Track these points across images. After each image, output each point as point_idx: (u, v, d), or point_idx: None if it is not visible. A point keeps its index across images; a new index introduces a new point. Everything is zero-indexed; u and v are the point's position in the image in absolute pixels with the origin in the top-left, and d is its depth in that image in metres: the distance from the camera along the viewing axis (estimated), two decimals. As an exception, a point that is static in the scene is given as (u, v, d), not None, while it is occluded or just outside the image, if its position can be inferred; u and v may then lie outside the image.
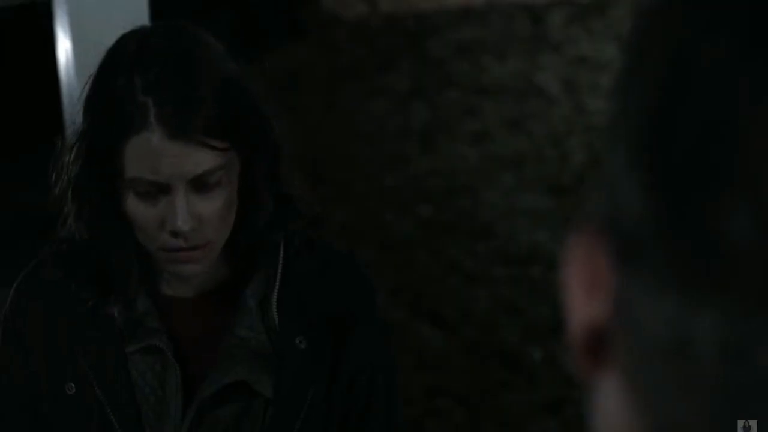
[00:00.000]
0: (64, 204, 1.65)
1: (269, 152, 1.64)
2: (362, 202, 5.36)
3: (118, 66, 1.58)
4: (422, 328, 4.46)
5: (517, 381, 4.13)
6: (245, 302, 1.68)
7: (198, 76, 1.56)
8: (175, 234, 1.58)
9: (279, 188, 1.67)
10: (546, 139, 5.83)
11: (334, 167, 5.64)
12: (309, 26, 7.09)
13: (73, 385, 1.68)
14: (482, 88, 6.36)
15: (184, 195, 1.57)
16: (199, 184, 1.58)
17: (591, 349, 0.54)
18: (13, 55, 6.40)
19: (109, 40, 1.64)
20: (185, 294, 1.71)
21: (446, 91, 6.36)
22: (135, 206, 1.59)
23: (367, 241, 4.97)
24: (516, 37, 6.87)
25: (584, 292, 0.54)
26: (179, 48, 1.58)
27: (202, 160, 1.56)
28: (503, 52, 6.72)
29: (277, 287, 1.69)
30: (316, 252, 1.74)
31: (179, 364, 1.67)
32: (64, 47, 3.03)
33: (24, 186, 5.45)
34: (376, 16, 7.24)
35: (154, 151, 1.54)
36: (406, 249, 4.98)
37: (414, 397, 4.02)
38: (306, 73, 6.64)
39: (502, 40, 6.84)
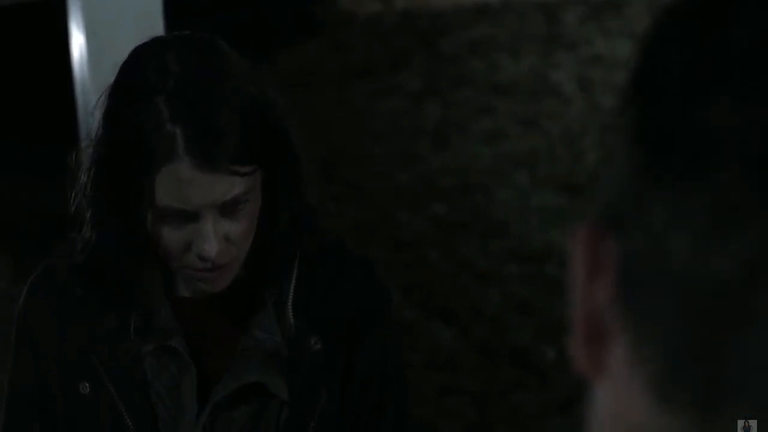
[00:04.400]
0: (80, 213, 1.65)
1: (290, 165, 1.64)
2: (374, 201, 5.35)
3: (140, 90, 1.55)
4: (434, 327, 4.45)
5: (530, 380, 4.13)
6: (261, 304, 1.68)
7: (224, 102, 1.54)
8: (203, 258, 1.59)
9: (298, 197, 1.67)
10: (560, 137, 5.82)
11: (347, 165, 5.63)
12: (323, 24, 7.09)
13: (87, 384, 1.67)
14: (496, 86, 6.35)
15: (212, 221, 1.57)
16: (227, 210, 1.58)
17: (593, 339, 0.56)
18: (23, 52, 6.41)
19: (123, 37, 1.63)
20: (200, 295, 1.70)
21: (460, 89, 6.35)
22: (160, 229, 1.59)
23: (380, 240, 4.97)
24: (530, 36, 6.86)
25: (587, 280, 0.56)
26: (203, 71, 1.56)
27: (231, 187, 1.56)
28: (517, 51, 6.71)
29: (292, 289, 1.69)
30: (331, 254, 1.74)
31: (194, 364, 1.67)
32: (78, 43, 3.03)
33: (20, 186, 5.47)
34: (390, 14, 7.23)
35: (183, 182, 1.54)
36: (418, 247, 4.97)
37: (426, 396, 4.02)
38: (318, 70, 6.64)
39: (517, 39, 6.84)
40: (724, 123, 0.51)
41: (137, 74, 1.57)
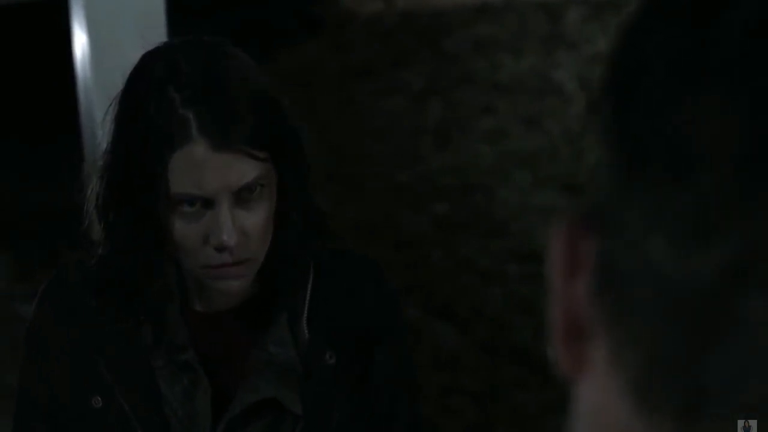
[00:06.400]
0: (91, 223, 1.64)
1: (301, 168, 1.63)
2: (376, 200, 5.35)
3: (150, 85, 1.56)
4: (436, 326, 4.45)
5: (531, 379, 4.13)
6: (276, 318, 1.66)
7: (234, 88, 1.55)
8: (221, 249, 1.57)
9: (309, 204, 1.66)
10: (561, 136, 5.82)
11: (348, 164, 5.63)
12: (324, 23, 7.09)
13: (99, 398, 1.65)
14: (498, 85, 6.35)
15: (228, 209, 1.55)
16: (243, 197, 1.56)
17: (573, 337, 0.55)
18: (25, 52, 6.41)
19: (125, 36, 1.62)
20: (214, 309, 1.69)
21: (462, 88, 6.35)
22: (177, 224, 1.57)
23: (381, 239, 4.97)
24: (532, 35, 6.86)
25: (567, 278, 0.55)
26: (210, 62, 1.57)
27: (245, 170, 1.55)
28: (519, 50, 6.71)
29: (307, 303, 1.68)
30: (344, 265, 1.73)
31: (207, 379, 1.65)
32: (80, 42, 3.03)
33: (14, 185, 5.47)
34: (391, 14, 7.23)
35: (198, 164, 1.53)
36: (419, 247, 4.97)
37: (428, 395, 4.02)
38: (319, 70, 6.64)
39: (518, 38, 6.83)
40: (710, 123, 0.50)
41: (146, 74, 1.58)
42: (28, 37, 6.40)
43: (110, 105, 1.61)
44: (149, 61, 1.60)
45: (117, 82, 1.62)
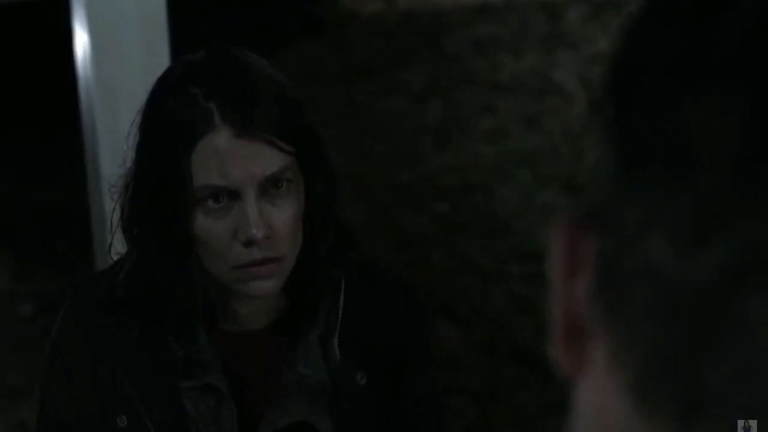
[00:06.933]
0: (115, 236, 1.62)
1: (327, 172, 1.62)
2: (377, 200, 5.35)
3: (170, 88, 1.56)
4: (436, 326, 4.45)
5: (531, 379, 4.13)
6: (306, 337, 1.64)
7: (254, 81, 1.55)
8: (249, 243, 1.54)
9: (337, 219, 1.65)
10: (562, 136, 5.82)
11: (349, 164, 5.63)
12: (325, 23, 7.09)
13: (125, 417, 1.63)
14: (498, 85, 6.36)
15: (254, 201, 1.53)
16: (269, 191, 1.55)
17: (573, 336, 0.55)
18: (26, 51, 6.41)
19: (127, 36, 1.62)
20: (242, 329, 1.66)
21: (462, 88, 6.36)
22: (204, 223, 1.55)
23: (382, 239, 4.97)
24: (532, 34, 6.86)
25: (566, 278, 0.55)
26: (229, 61, 1.57)
27: (270, 159, 1.53)
28: (520, 49, 6.71)
29: (339, 322, 1.65)
30: (374, 283, 1.70)
31: (235, 400, 1.63)
32: (81, 42, 3.03)
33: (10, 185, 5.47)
34: (392, 13, 7.24)
35: (222, 153, 1.52)
36: (420, 247, 4.98)
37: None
38: (320, 70, 6.64)
39: (519, 37, 6.84)
40: (710, 123, 0.50)
41: (167, 82, 1.58)
42: (28, 36, 6.40)
43: (133, 121, 1.60)
44: (168, 72, 1.60)
45: (117, 82, 1.62)
